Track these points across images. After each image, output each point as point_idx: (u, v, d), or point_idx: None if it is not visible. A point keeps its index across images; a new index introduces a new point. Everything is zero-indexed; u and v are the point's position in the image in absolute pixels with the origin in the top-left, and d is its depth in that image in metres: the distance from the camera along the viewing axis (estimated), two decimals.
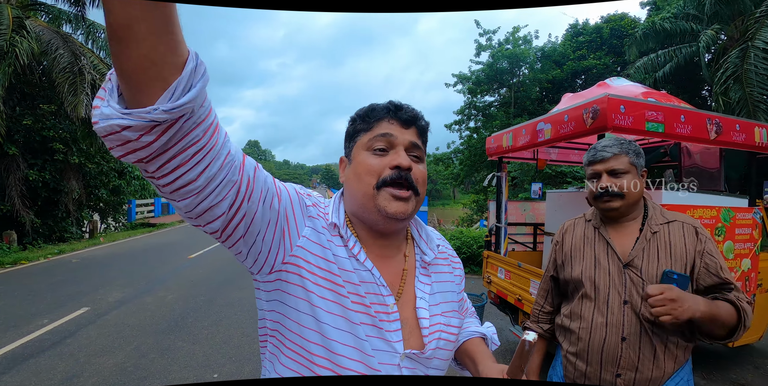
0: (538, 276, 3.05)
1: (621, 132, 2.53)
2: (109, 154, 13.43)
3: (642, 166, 1.33)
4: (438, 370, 0.83)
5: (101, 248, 10.34)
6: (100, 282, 6.42)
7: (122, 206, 14.87)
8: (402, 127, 0.80)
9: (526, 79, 17.04)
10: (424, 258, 0.88)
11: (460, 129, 18.06)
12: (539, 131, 3.04)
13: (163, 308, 5.11)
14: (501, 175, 3.77)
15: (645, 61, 13.43)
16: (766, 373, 3.56)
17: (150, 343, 3.98)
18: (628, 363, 1.22)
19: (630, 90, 3.26)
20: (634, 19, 17.92)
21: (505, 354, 3.84)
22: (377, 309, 0.75)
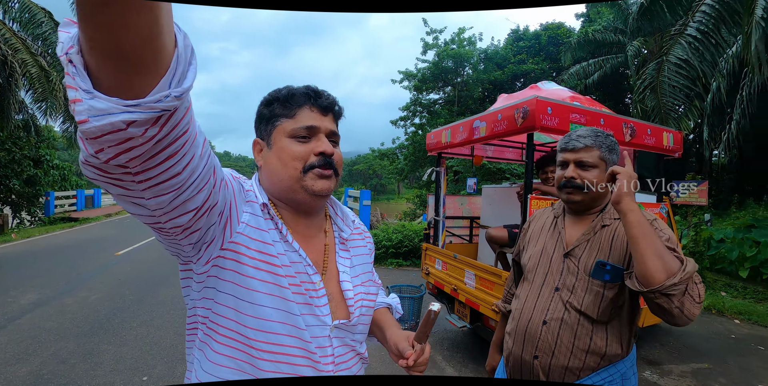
0: (472, 266, 3.21)
1: (547, 131, 2.72)
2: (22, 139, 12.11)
3: (614, 161, 1.29)
4: (362, 335, 0.91)
5: (13, 245, 9.32)
6: (11, 284, 5.80)
7: (39, 199, 13.47)
8: (322, 114, 0.84)
9: (470, 79, 17.63)
10: (342, 234, 0.94)
11: (405, 125, 18.33)
12: (475, 128, 3.18)
13: (85, 309, 4.73)
14: (440, 170, 3.90)
15: (578, 68, 14.53)
16: (671, 349, 4.01)
17: (70, 348, 3.68)
18: (545, 346, 1.24)
19: (558, 93, 3.51)
20: (569, 28, 19.20)
21: (442, 342, 4.01)
22: (307, 287, 0.80)
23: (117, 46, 0.39)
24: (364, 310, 0.89)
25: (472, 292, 3.18)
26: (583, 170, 1.27)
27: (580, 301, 1.22)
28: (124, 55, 0.40)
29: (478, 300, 3.08)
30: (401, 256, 7.95)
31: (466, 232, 4.68)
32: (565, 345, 1.22)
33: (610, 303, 1.20)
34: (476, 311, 3.22)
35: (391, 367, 3.42)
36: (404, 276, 6.79)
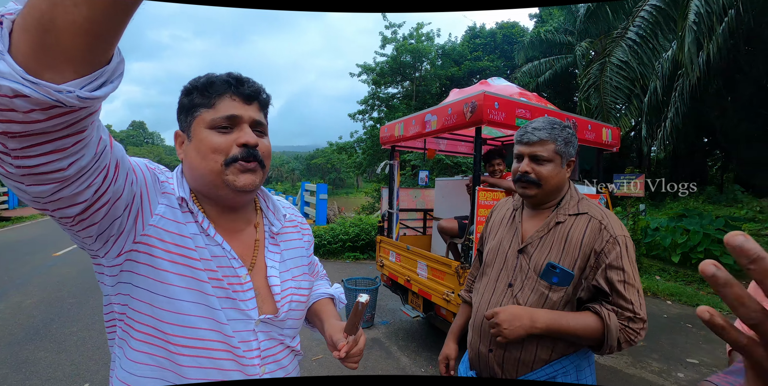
0: (424, 257, 3.28)
1: (495, 126, 2.81)
2: None
3: (570, 155, 1.26)
4: (292, 329, 0.90)
5: None
6: None
7: None
8: (245, 103, 0.79)
9: (428, 74, 17.86)
10: (272, 228, 0.92)
11: (363, 119, 18.33)
12: (427, 122, 3.23)
13: (19, 315, 4.39)
14: (393, 163, 3.94)
15: (530, 66, 15.09)
16: None
17: (1, 357, 3.41)
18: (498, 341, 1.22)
19: (507, 89, 3.63)
20: (523, 28, 19.86)
21: (397, 332, 4.08)
22: (231, 281, 0.78)
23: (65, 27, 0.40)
24: (293, 305, 0.88)
25: (424, 283, 3.25)
26: (537, 164, 1.23)
27: (525, 299, 1.22)
28: (63, 40, 0.40)
29: (430, 290, 3.15)
30: (358, 250, 7.98)
31: (420, 224, 4.77)
32: (517, 340, 1.19)
33: (554, 307, 1.19)
34: (429, 301, 3.30)
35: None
36: (361, 270, 6.82)
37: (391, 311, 4.74)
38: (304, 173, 74.81)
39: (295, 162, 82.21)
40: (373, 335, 3.99)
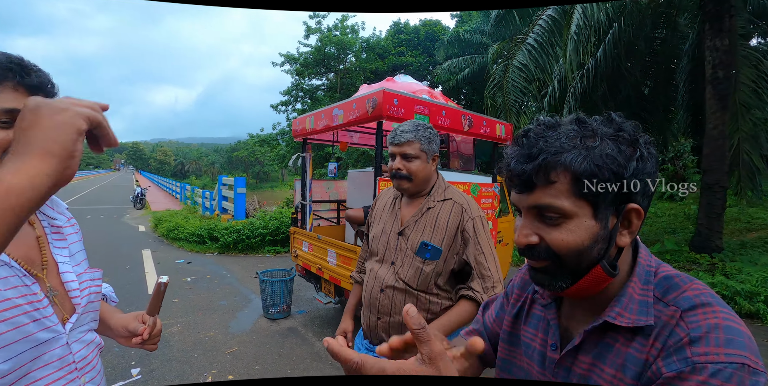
0: (333, 245, 3.42)
1: (395, 120, 3.01)
2: None
3: (434, 151, 1.48)
4: (95, 322, 0.86)
5: None
6: None
7: None
8: (29, 95, 0.65)
9: (352, 67, 17.95)
10: (54, 223, 0.83)
11: (286, 110, 17.94)
12: (335, 116, 3.36)
13: None
14: (306, 156, 4.02)
15: (450, 64, 15.83)
16: None
17: None
18: (384, 309, 1.47)
19: (410, 86, 3.87)
20: (445, 26, 20.67)
21: (314, 320, 4.20)
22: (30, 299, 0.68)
23: None
24: (93, 297, 0.83)
25: (334, 269, 3.40)
26: (407, 161, 1.45)
27: (405, 274, 1.44)
28: None
29: (340, 276, 3.31)
30: (278, 243, 7.92)
31: (334, 215, 4.90)
32: (399, 306, 1.44)
33: (428, 277, 1.42)
34: (339, 286, 3.45)
35: None
36: (282, 263, 6.80)
37: (307, 300, 4.84)
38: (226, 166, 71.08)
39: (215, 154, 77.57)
40: (290, 324, 4.06)
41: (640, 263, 0.62)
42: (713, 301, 0.55)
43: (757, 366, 0.47)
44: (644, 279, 0.60)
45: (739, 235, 8.31)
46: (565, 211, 0.56)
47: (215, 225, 8.21)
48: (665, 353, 0.52)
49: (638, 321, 0.57)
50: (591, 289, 0.60)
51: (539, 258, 0.60)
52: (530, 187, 0.58)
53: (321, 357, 3.34)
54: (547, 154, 0.56)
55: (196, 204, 14.22)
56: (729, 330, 0.50)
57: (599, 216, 0.56)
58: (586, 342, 0.62)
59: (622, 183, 0.55)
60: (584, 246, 0.56)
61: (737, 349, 0.48)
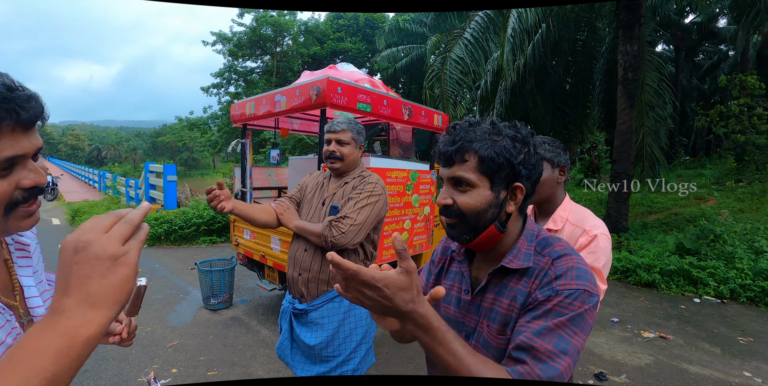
0: (276, 232, 3.42)
1: (338, 109, 3.05)
2: None
3: (361, 141, 1.87)
4: None
5: None
6: None
7: None
8: (25, 131, 0.58)
9: (290, 51, 17.36)
10: (20, 239, 0.74)
11: (219, 93, 17.00)
12: (277, 102, 3.31)
13: None
14: (245, 142, 3.92)
15: (390, 52, 15.93)
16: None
17: None
18: (305, 266, 1.76)
19: (353, 75, 3.91)
20: (384, 14, 20.57)
21: (257, 308, 4.16)
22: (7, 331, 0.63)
23: None
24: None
25: (278, 256, 3.40)
26: (341, 146, 1.81)
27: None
28: None
29: (284, 262, 3.32)
30: (215, 233, 7.64)
31: None
32: (317, 264, 1.74)
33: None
34: (283, 273, 3.46)
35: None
36: (219, 253, 6.59)
37: (249, 289, 4.77)
38: (149, 153, 65.72)
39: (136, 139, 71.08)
40: (232, 314, 4.00)
41: (527, 228, 0.87)
42: (571, 252, 0.81)
43: (593, 291, 0.75)
44: (529, 239, 0.85)
45: (642, 217, 9.46)
46: (471, 182, 0.80)
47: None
48: (541, 286, 0.77)
49: (523, 265, 0.81)
50: (488, 242, 0.84)
51: (451, 216, 0.82)
52: (450, 163, 0.82)
53: (268, 344, 3.35)
54: (464, 141, 0.80)
55: (119, 193, 13.13)
56: (578, 270, 0.77)
57: (494, 188, 0.80)
58: (490, 284, 0.86)
59: (512, 168, 0.79)
60: (482, 209, 0.80)
61: (582, 281, 0.75)
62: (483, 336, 0.84)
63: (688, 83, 16.48)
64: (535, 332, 0.72)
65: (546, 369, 0.69)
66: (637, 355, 3.38)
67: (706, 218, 6.99)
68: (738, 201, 9.51)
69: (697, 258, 5.61)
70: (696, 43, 16.12)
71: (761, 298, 4.70)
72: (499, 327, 0.81)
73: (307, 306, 1.74)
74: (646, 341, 3.68)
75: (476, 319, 0.87)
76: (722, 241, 5.88)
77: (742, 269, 5.03)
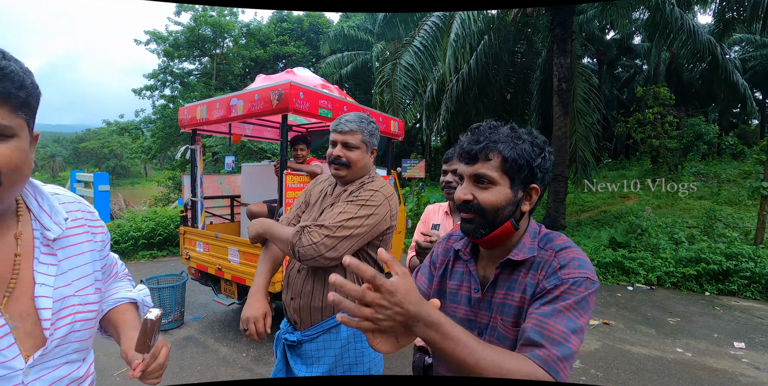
0: (235, 243, 3.26)
1: (300, 114, 2.99)
2: None
3: (373, 144, 1.52)
4: (79, 353, 0.77)
5: None
6: None
7: None
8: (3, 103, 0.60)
9: (230, 53, 16.67)
10: (47, 235, 0.74)
11: (152, 96, 15.91)
12: (233, 106, 3.17)
13: None
14: (195, 148, 3.70)
15: (334, 58, 15.91)
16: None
17: None
18: (296, 290, 1.47)
19: (311, 80, 3.83)
20: (329, 19, 20.49)
21: (212, 325, 3.92)
22: None
23: None
24: (78, 325, 0.74)
25: (237, 268, 3.24)
26: (348, 150, 1.46)
27: None
28: None
29: (244, 274, 3.17)
30: (155, 247, 7.10)
31: (228, 211, 4.62)
32: (308, 290, 1.44)
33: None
34: (243, 285, 3.30)
35: None
36: (162, 268, 6.14)
37: (202, 305, 4.48)
38: (71, 160, 59.82)
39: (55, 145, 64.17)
40: (186, 334, 3.72)
41: (530, 226, 0.94)
42: (571, 245, 0.89)
43: (594, 279, 0.82)
44: (532, 235, 0.92)
45: (576, 216, 10.19)
46: (493, 179, 0.85)
47: None
48: (547, 276, 0.83)
49: (527, 256, 0.87)
50: (501, 238, 0.90)
51: (470, 211, 0.87)
52: (473, 161, 0.87)
53: (228, 362, 3.17)
54: (488, 141, 0.86)
55: None
56: (580, 261, 0.84)
57: (513, 187, 0.86)
58: (499, 279, 0.90)
59: (531, 170, 0.86)
60: (501, 206, 0.86)
61: (584, 270, 0.82)
62: (497, 330, 0.88)
63: (609, 93, 18.11)
64: (545, 314, 0.77)
65: (562, 350, 0.73)
66: (586, 342, 3.63)
67: (633, 214, 7.70)
68: (656, 199, 10.60)
69: (627, 251, 6.19)
70: (615, 58, 17.76)
71: (683, 283, 5.34)
72: (514, 319, 0.86)
73: (300, 337, 1.47)
74: (592, 328, 3.99)
75: (488, 315, 0.90)
76: (648, 235, 6.52)
77: (666, 258, 5.65)
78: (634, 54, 17.85)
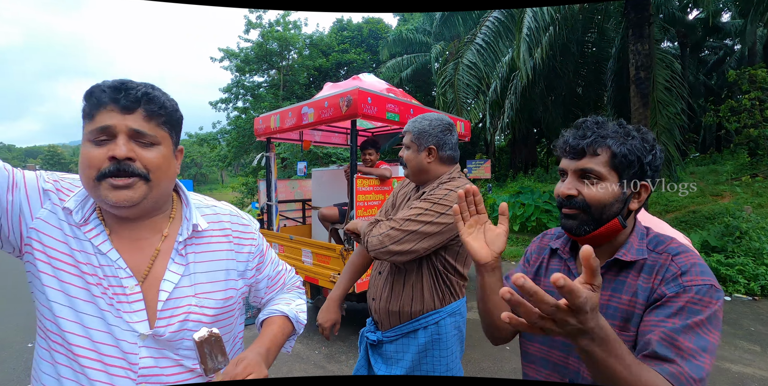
0: (308, 245, 3.40)
1: (368, 119, 3.05)
2: None
3: (428, 143, 1.45)
4: (191, 350, 0.82)
5: None
6: None
7: None
8: (122, 113, 0.73)
9: (295, 64, 17.53)
10: (180, 238, 0.84)
11: (227, 108, 17.18)
12: (304, 114, 3.32)
13: None
14: (270, 155, 3.93)
15: (394, 62, 16.09)
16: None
17: None
18: (377, 292, 1.52)
19: (377, 85, 3.92)
20: (387, 25, 20.82)
21: None
22: (116, 291, 0.76)
23: None
24: (190, 325, 0.80)
25: (310, 269, 3.38)
26: (405, 150, 1.51)
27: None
28: None
29: (317, 275, 3.30)
30: None
31: (300, 215, 4.84)
32: (387, 292, 1.47)
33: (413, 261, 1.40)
34: (316, 286, 3.44)
35: None
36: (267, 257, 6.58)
37: None
38: None
39: None
40: None
41: (637, 226, 0.90)
42: (687, 249, 0.83)
43: (718, 286, 0.77)
44: (639, 236, 0.87)
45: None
46: (602, 175, 0.82)
47: None
48: (665, 281, 0.78)
49: (636, 257, 0.82)
50: (606, 236, 0.86)
51: (574, 207, 0.85)
52: (580, 156, 0.84)
53: (302, 359, 3.31)
54: (597, 136, 0.83)
55: None
56: (701, 266, 0.79)
57: (621, 184, 0.83)
58: (603, 280, 0.81)
59: (641, 166, 0.83)
60: (608, 202, 0.82)
61: (707, 276, 0.77)
62: None
63: (694, 80, 16.37)
64: (675, 330, 0.72)
65: (694, 369, 0.68)
66: None
67: (729, 214, 6.86)
68: (756, 196, 9.35)
69: (723, 256, 5.50)
70: (701, 39, 16.00)
71: None
72: (621, 323, 0.81)
73: (381, 337, 1.52)
74: None
75: None
76: (748, 238, 5.76)
77: None
78: (722, 33, 15.92)
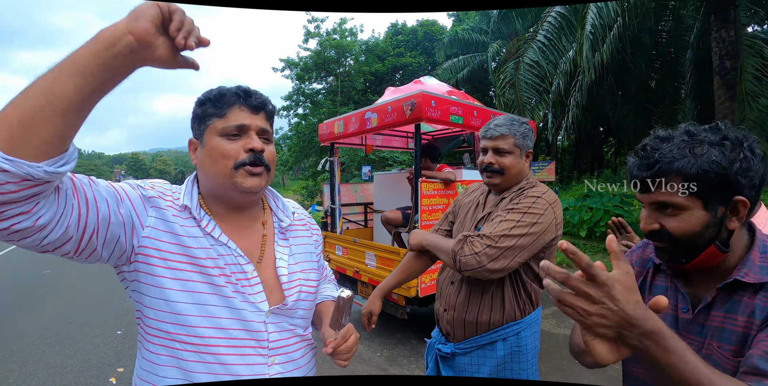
0: (371, 248, 3.45)
1: (432, 122, 3.05)
2: None
3: (527, 147, 1.41)
4: (303, 319, 0.96)
5: None
6: None
7: None
8: (252, 113, 0.87)
9: (352, 70, 17.97)
10: (281, 224, 0.99)
11: (288, 115, 17.98)
12: (367, 119, 3.38)
13: None
14: (333, 160, 4.05)
15: (450, 64, 15.90)
16: None
17: None
18: (449, 302, 1.43)
19: (439, 88, 3.90)
20: (442, 26, 20.70)
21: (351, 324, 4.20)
22: (238, 276, 0.86)
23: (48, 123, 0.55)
24: (303, 295, 0.94)
25: (373, 272, 3.42)
26: (500, 156, 1.39)
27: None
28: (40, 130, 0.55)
29: (380, 278, 3.33)
30: None
31: (362, 218, 4.93)
32: (462, 303, 1.40)
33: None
34: None
35: None
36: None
37: None
38: None
39: None
40: None
41: (759, 238, 0.77)
42: None
43: None
44: (761, 249, 0.75)
45: None
46: (679, 205, 0.72)
47: None
48: None
49: (762, 279, 0.71)
50: (708, 263, 0.76)
51: (660, 240, 0.77)
52: (649, 189, 0.74)
53: (364, 360, 3.35)
54: (662, 164, 0.72)
55: None
56: None
57: (709, 207, 0.71)
58: (716, 301, 0.76)
59: (727, 181, 0.69)
60: (696, 231, 0.72)
61: None
62: (712, 358, 0.74)
63: None
64: None
65: None
66: None
67: None
68: None
69: None
70: None
71: None
72: (735, 348, 0.72)
73: (454, 349, 1.44)
74: None
75: (700, 341, 0.77)
76: None
77: None
78: None
